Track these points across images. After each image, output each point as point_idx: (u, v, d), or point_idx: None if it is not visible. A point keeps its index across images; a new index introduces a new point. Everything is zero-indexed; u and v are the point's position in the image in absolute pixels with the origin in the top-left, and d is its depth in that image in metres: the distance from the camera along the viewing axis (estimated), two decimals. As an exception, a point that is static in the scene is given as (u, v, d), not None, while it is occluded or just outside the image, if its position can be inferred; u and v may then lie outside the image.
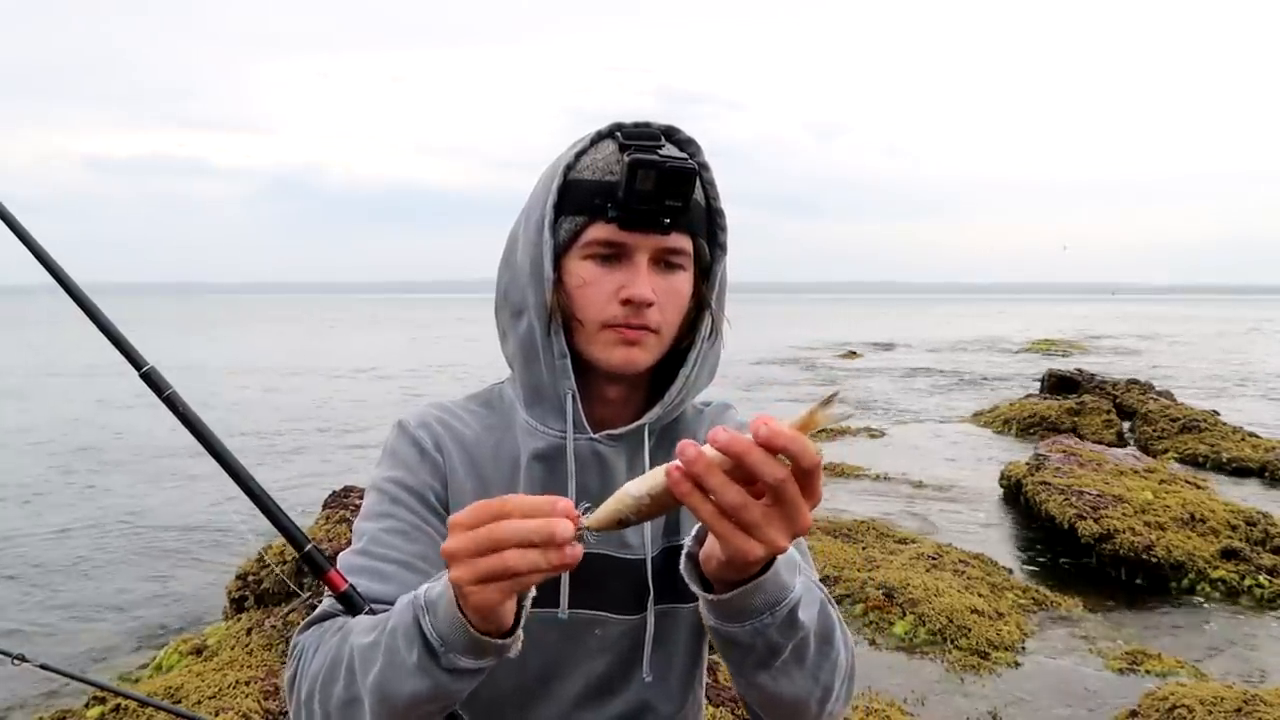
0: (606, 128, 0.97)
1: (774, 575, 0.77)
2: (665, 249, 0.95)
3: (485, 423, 1.04)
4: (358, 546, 0.97)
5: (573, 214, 0.95)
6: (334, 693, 0.81)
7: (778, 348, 30.13)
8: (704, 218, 0.99)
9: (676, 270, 0.97)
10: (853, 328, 47.26)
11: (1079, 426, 10.61)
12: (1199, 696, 3.50)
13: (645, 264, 0.94)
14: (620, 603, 0.99)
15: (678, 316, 0.98)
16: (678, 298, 0.97)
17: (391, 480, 0.99)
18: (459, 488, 0.99)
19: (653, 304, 0.94)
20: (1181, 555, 5.59)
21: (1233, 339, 36.31)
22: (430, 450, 1.00)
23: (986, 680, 4.12)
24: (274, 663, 3.83)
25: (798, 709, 0.87)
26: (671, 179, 0.91)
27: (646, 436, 1.01)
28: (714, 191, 1.00)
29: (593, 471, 0.99)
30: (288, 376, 21.25)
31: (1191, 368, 22.64)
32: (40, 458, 11.02)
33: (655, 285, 0.94)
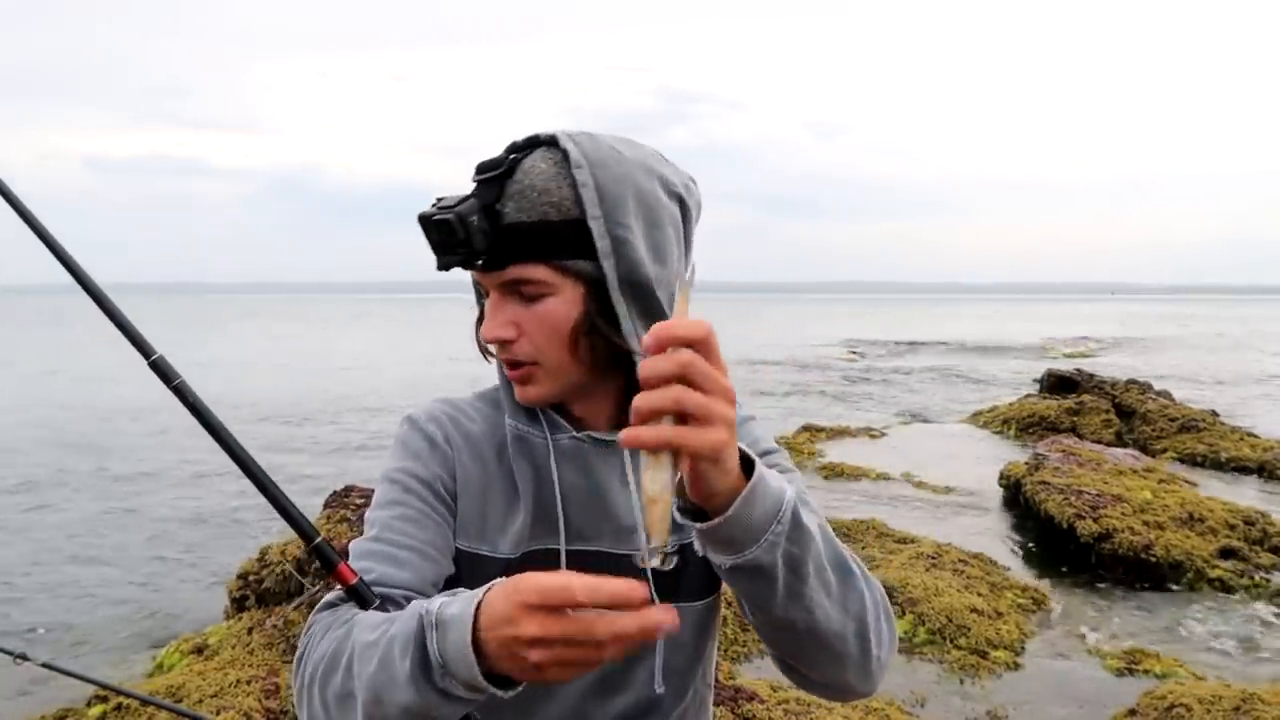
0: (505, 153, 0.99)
1: (760, 480, 0.75)
2: (506, 281, 0.95)
3: (491, 420, 1.05)
4: (371, 534, 0.97)
5: None
6: (332, 683, 0.83)
7: (778, 348, 30.13)
8: (569, 233, 0.92)
9: (538, 299, 0.95)
10: (852, 328, 47.26)
11: (1078, 426, 10.62)
12: (1197, 696, 3.51)
13: (496, 300, 0.96)
14: None
15: (553, 343, 0.95)
16: (545, 324, 0.95)
17: (403, 470, 1.00)
18: (466, 480, 1.01)
19: (514, 339, 0.96)
20: (1180, 554, 5.60)
21: (1232, 339, 36.31)
22: (440, 443, 1.02)
23: (985, 680, 4.13)
24: (275, 662, 3.84)
25: (837, 648, 0.85)
26: (440, 230, 0.92)
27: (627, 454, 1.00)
28: (587, 201, 0.91)
29: (578, 467, 1.01)
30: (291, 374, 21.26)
31: (1191, 367, 22.66)
32: (45, 453, 11.03)
33: (519, 316, 0.95)
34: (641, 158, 0.97)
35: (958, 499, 8.05)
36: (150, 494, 9.13)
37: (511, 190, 0.92)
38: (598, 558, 0.99)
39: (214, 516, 8.13)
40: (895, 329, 45.44)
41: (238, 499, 8.57)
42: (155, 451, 11.30)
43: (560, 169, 0.93)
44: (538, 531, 0.99)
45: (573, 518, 0.99)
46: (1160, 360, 25.34)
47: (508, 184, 0.93)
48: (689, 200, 1.00)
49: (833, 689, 0.92)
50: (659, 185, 0.97)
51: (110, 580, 6.42)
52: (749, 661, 4.23)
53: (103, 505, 8.66)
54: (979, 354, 28.14)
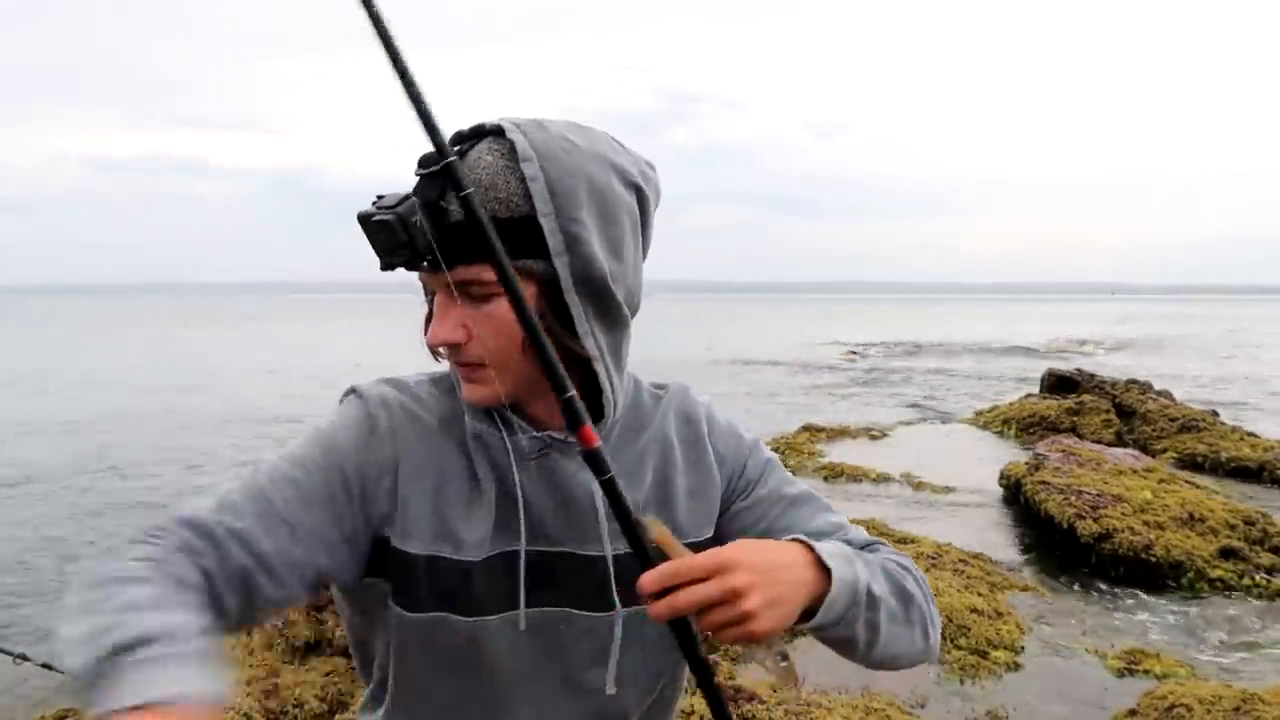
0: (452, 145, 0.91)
1: (839, 582, 0.88)
2: (455, 283, 0.88)
3: (448, 409, 0.98)
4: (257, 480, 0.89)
5: None
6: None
7: (778, 349, 30.13)
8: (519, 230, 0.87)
9: (489, 300, 0.89)
10: (852, 328, 47.27)
11: (1078, 426, 10.62)
12: (1197, 696, 3.51)
13: (443, 302, 0.91)
14: (585, 600, 0.96)
15: (503, 343, 0.90)
16: (495, 325, 0.89)
17: (324, 449, 0.92)
18: (415, 476, 0.93)
19: (462, 342, 0.90)
20: (1180, 554, 5.60)
21: (1233, 339, 36.31)
22: (382, 432, 0.94)
23: (985, 680, 4.13)
24: (275, 662, 3.84)
25: (912, 656, 0.98)
26: (380, 231, 0.86)
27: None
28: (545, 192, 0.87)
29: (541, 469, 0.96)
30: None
31: (1191, 367, 22.66)
32: (46, 450, 11.03)
33: (468, 316, 0.90)
34: (594, 147, 0.91)
35: (958, 499, 8.05)
36: (150, 492, 9.14)
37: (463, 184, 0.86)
38: (564, 559, 0.96)
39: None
40: (894, 329, 45.45)
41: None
42: (154, 450, 11.30)
43: (508, 162, 0.88)
44: (502, 534, 0.94)
45: (536, 520, 0.95)
46: (1160, 360, 25.35)
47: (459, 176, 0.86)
48: (646, 188, 0.95)
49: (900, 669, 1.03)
50: (614, 176, 0.91)
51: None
52: (749, 661, 4.23)
53: (102, 502, 8.67)
54: (979, 354, 28.15)
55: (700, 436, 1.05)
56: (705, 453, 1.04)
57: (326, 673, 3.73)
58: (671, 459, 1.02)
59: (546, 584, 0.95)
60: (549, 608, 0.95)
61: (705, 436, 1.05)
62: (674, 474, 1.02)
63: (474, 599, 0.93)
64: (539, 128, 0.89)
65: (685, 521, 1.01)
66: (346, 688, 3.67)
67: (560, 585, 0.95)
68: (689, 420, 1.05)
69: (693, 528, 1.01)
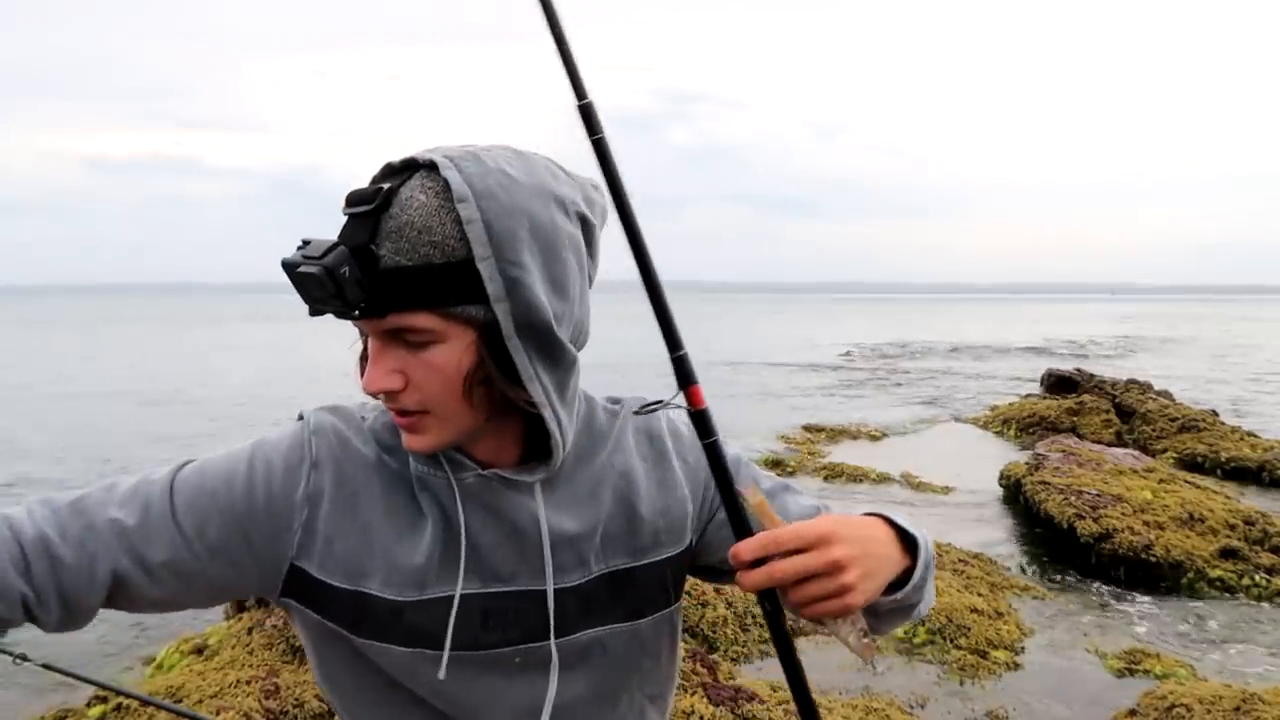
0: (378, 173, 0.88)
1: (924, 551, 0.93)
2: (388, 330, 0.84)
3: (389, 444, 0.95)
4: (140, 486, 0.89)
5: None
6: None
7: (779, 349, 30.14)
8: (456, 275, 0.82)
9: (426, 347, 0.85)
10: (852, 328, 47.28)
11: (1078, 426, 10.63)
12: (1197, 696, 3.51)
13: (377, 349, 0.86)
14: (538, 633, 0.95)
15: (446, 391, 0.86)
16: (433, 373, 0.85)
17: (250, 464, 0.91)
18: (340, 511, 0.91)
19: (395, 390, 0.86)
20: (1180, 554, 5.60)
21: (1233, 339, 36.31)
22: (313, 461, 0.91)
23: (985, 680, 4.13)
24: (275, 662, 3.84)
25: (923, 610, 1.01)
26: (307, 283, 0.81)
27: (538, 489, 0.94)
28: (480, 236, 0.82)
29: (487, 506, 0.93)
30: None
31: (1191, 367, 22.66)
32: (45, 447, 11.03)
33: (405, 364, 0.85)
34: (535, 179, 0.86)
35: (958, 499, 8.05)
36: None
37: (388, 228, 0.81)
38: (517, 597, 0.94)
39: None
40: (894, 329, 45.44)
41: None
42: (153, 448, 11.29)
43: (442, 200, 0.82)
44: (446, 576, 0.91)
45: (487, 560, 0.93)
46: (1160, 360, 25.35)
47: (383, 219, 0.82)
48: (591, 214, 0.90)
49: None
50: (556, 210, 0.86)
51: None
52: (749, 662, 4.23)
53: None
54: (979, 354, 28.15)
55: (665, 452, 1.02)
56: (670, 469, 1.02)
57: (326, 673, 3.74)
58: (633, 479, 1.00)
59: (500, 624, 0.93)
60: (502, 648, 0.93)
61: (670, 452, 1.02)
62: (637, 494, 0.99)
63: (408, 632, 0.91)
64: (475, 161, 0.84)
65: (650, 542, 0.99)
66: (346, 688, 3.67)
67: (514, 624, 0.94)
68: (651, 436, 1.03)
69: (660, 546, 1.00)
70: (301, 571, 0.91)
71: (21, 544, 0.85)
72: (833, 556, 0.81)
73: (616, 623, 0.98)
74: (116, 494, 0.89)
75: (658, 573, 1.00)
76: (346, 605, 0.91)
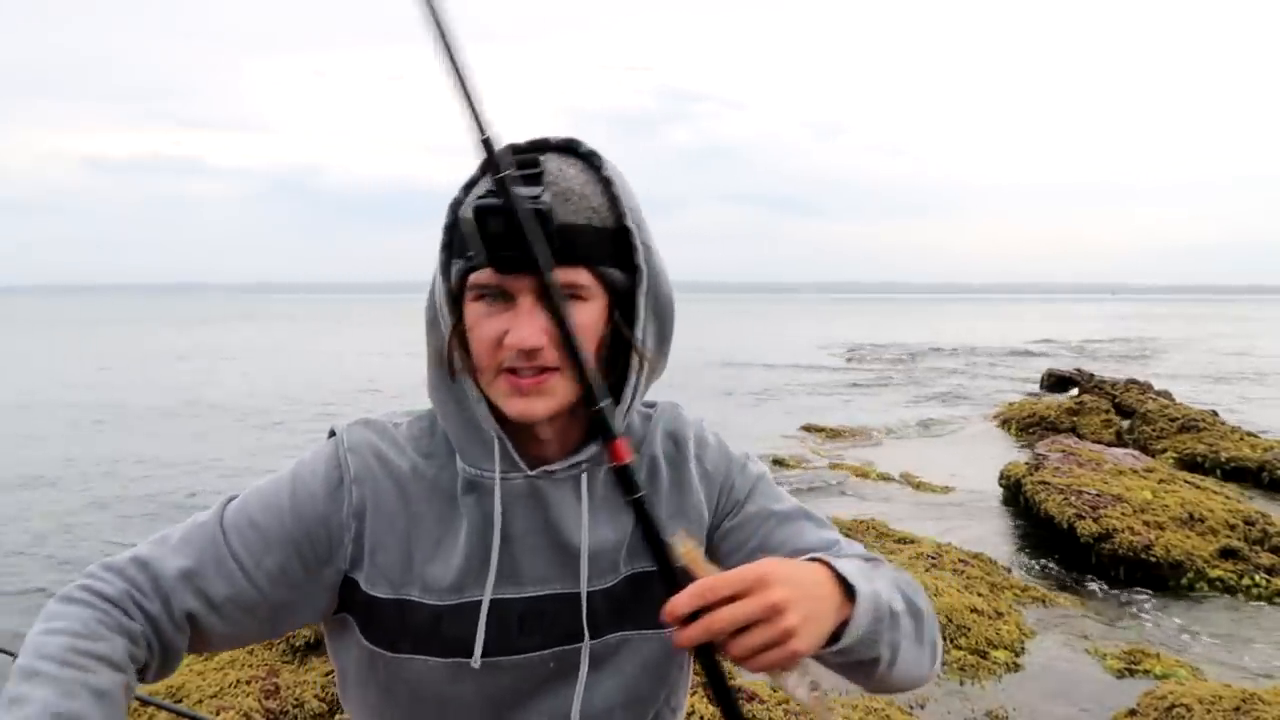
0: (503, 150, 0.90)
1: (863, 598, 0.85)
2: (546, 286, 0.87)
3: (425, 450, 0.97)
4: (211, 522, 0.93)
5: (457, 257, 0.91)
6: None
7: (779, 349, 30.14)
8: (609, 241, 0.89)
9: (574, 303, 0.88)
10: (852, 328, 47.28)
11: (1078, 426, 10.63)
12: (1197, 696, 3.51)
13: (530, 305, 0.87)
14: (574, 634, 0.96)
15: (583, 349, 0.88)
16: (578, 331, 0.87)
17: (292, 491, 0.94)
18: (383, 523, 0.94)
19: (541, 347, 0.87)
20: (1180, 554, 5.60)
21: (1233, 339, 36.32)
22: (352, 478, 0.94)
23: (985, 680, 4.13)
24: (275, 662, 3.84)
25: (917, 679, 0.96)
26: (504, 222, 0.83)
27: (584, 480, 0.96)
28: (623, 208, 0.90)
29: (529, 510, 0.95)
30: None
31: (1191, 367, 22.66)
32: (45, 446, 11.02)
33: (548, 323, 0.87)
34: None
35: (958, 499, 8.05)
36: (148, 490, 9.13)
37: (555, 190, 0.87)
38: (553, 600, 0.95)
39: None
40: (894, 329, 45.45)
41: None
42: (152, 446, 11.29)
43: (590, 175, 0.90)
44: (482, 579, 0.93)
45: (522, 563, 0.94)
46: (1160, 360, 25.35)
47: (545, 183, 0.87)
48: None
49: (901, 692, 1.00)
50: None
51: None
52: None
53: (100, 500, 8.66)
54: (979, 354, 28.15)
55: (686, 457, 1.03)
56: (688, 473, 1.03)
57: (327, 673, 3.73)
58: (656, 480, 1.01)
59: (536, 628, 0.94)
60: (535, 652, 0.94)
61: (691, 457, 1.03)
62: (658, 495, 1.01)
63: (445, 641, 0.92)
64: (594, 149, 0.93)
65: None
66: (346, 688, 3.67)
67: (550, 628, 0.95)
68: (677, 441, 1.05)
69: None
70: (354, 584, 0.94)
71: (114, 608, 0.87)
72: (771, 599, 0.76)
73: (644, 628, 0.99)
74: (170, 543, 0.92)
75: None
76: (389, 616, 0.93)
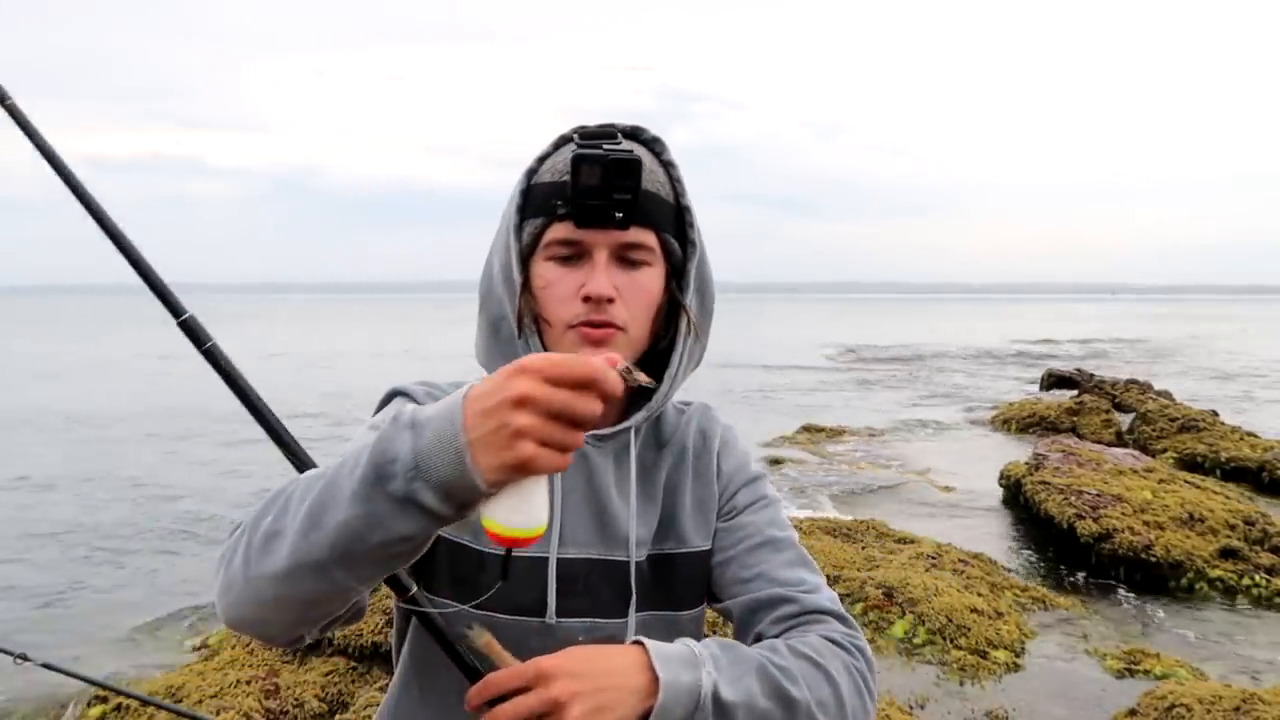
0: (570, 131, 0.98)
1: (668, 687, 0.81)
2: (624, 244, 0.94)
3: None
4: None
5: (533, 217, 0.97)
6: (262, 524, 0.74)
7: (779, 349, 30.13)
8: (672, 214, 0.99)
9: (640, 266, 0.96)
10: (852, 327, 47.28)
11: (1078, 426, 10.63)
12: (1198, 696, 3.51)
13: (604, 260, 0.94)
14: (608, 607, 0.98)
15: (645, 313, 0.97)
16: (643, 294, 0.96)
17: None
18: None
19: (613, 300, 0.93)
20: (1180, 555, 5.60)
21: (1233, 339, 36.32)
22: None
23: (985, 680, 4.13)
24: (275, 662, 3.84)
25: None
26: (614, 171, 0.91)
27: (633, 437, 1.01)
28: (681, 189, 1.00)
29: (578, 472, 0.99)
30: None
31: (1191, 367, 22.66)
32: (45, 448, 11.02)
33: (618, 281, 0.94)
34: None
35: (958, 499, 8.05)
36: (147, 490, 9.13)
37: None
38: (586, 565, 0.98)
39: (214, 514, 8.13)
40: (894, 329, 45.45)
41: (237, 496, 8.58)
42: (150, 445, 11.30)
43: (655, 155, 0.99)
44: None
45: (567, 523, 0.98)
46: (1160, 359, 25.35)
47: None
48: None
49: None
50: None
51: (111, 580, 6.42)
52: None
53: (101, 501, 8.66)
54: (979, 354, 28.15)
55: (710, 451, 1.08)
56: (710, 466, 1.07)
57: (326, 673, 3.74)
58: (683, 468, 1.06)
59: (570, 591, 0.97)
60: (572, 618, 0.97)
61: (714, 451, 1.08)
62: (684, 484, 1.05)
63: (479, 589, 0.93)
64: None
65: (689, 531, 1.03)
66: (346, 688, 3.67)
67: (582, 592, 0.97)
68: (705, 435, 1.09)
69: (694, 537, 1.04)
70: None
71: None
72: (551, 695, 0.77)
73: (661, 609, 1.01)
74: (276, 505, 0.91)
75: (692, 565, 1.03)
76: (442, 555, 0.96)
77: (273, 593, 0.73)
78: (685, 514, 1.03)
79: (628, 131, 0.99)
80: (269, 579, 0.72)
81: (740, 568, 1.01)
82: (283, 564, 0.71)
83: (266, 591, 0.73)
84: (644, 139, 1.00)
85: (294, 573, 0.71)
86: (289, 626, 0.78)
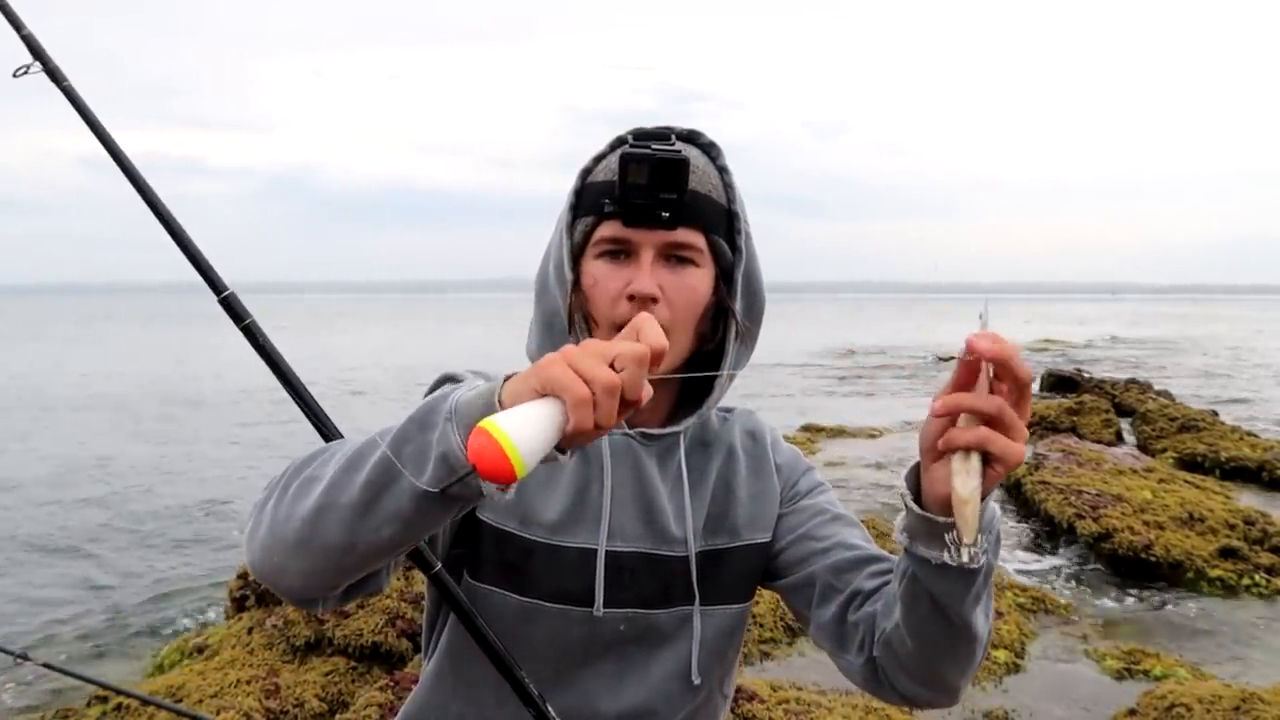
0: (626, 133, 0.98)
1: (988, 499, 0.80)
2: (671, 243, 0.94)
3: None
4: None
5: (585, 215, 0.98)
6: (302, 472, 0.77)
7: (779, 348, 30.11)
8: (723, 217, 0.99)
9: (687, 266, 0.96)
10: (852, 327, 47.29)
11: (1078, 426, 10.62)
12: (1197, 695, 3.51)
13: (650, 259, 0.94)
14: (650, 598, 0.99)
15: (691, 314, 0.97)
16: (689, 293, 0.96)
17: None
18: None
19: (657, 299, 0.93)
20: (1180, 554, 5.60)
21: (1233, 338, 36.31)
22: None
23: (985, 680, 4.13)
24: (275, 662, 3.84)
25: (976, 652, 0.89)
26: (661, 170, 0.91)
27: (683, 440, 1.02)
28: (734, 194, 1.00)
29: (627, 466, 1.00)
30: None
31: (1192, 367, 22.66)
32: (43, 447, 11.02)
33: (663, 281, 0.94)
34: None
35: (958, 499, 8.03)
36: (146, 491, 9.13)
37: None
38: (634, 559, 0.99)
39: (213, 515, 8.13)
40: (894, 329, 45.45)
41: (235, 495, 8.58)
42: (148, 446, 11.30)
43: (709, 159, 1.00)
44: (578, 528, 0.97)
45: (616, 518, 0.98)
46: (1160, 360, 25.34)
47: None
48: None
49: (937, 694, 0.93)
50: None
51: (110, 580, 6.42)
52: (749, 663, 4.23)
53: (100, 501, 8.66)
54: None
55: (764, 450, 1.10)
56: (767, 463, 1.09)
57: (326, 673, 3.74)
58: (735, 466, 1.07)
59: (617, 583, 0.98)
60: (618, 609, 0.98)
61: (769, 450, 1.10)
62: (736, 478, 1.06)
63: (530, 579, 0.96)
64: None
65: (744, 522, 1.05)
66: (346, 688, 3.67)
67: (629, 585, 0.98)
68: (754, 437, 1.11)
69: (751, 528, 1.05)
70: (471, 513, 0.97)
71: None
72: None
73: (711, 604, 1.02)
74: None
75: (744, 559, 1.04)
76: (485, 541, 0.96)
77: (295, 535, 0.75)
78: (739, 509, 1.05)
79: (683, 134, 0.99)
80: (295, 521, 0.75)
81: (815, 540, 1.03)
82: (311, 505, 0.74)
83: (290, 535, 0.75)
84: (700, 143, 1.00)
85: (320, 513, 0.73)
86: (304, 577, 0.78)
